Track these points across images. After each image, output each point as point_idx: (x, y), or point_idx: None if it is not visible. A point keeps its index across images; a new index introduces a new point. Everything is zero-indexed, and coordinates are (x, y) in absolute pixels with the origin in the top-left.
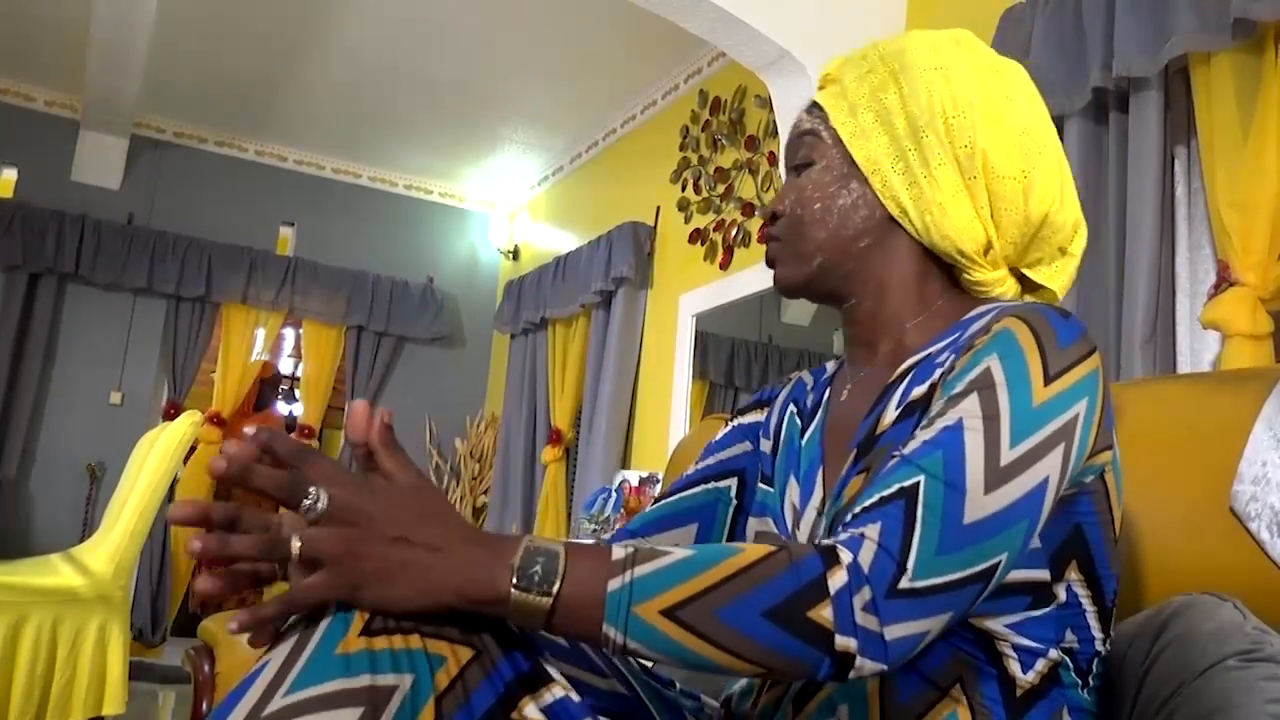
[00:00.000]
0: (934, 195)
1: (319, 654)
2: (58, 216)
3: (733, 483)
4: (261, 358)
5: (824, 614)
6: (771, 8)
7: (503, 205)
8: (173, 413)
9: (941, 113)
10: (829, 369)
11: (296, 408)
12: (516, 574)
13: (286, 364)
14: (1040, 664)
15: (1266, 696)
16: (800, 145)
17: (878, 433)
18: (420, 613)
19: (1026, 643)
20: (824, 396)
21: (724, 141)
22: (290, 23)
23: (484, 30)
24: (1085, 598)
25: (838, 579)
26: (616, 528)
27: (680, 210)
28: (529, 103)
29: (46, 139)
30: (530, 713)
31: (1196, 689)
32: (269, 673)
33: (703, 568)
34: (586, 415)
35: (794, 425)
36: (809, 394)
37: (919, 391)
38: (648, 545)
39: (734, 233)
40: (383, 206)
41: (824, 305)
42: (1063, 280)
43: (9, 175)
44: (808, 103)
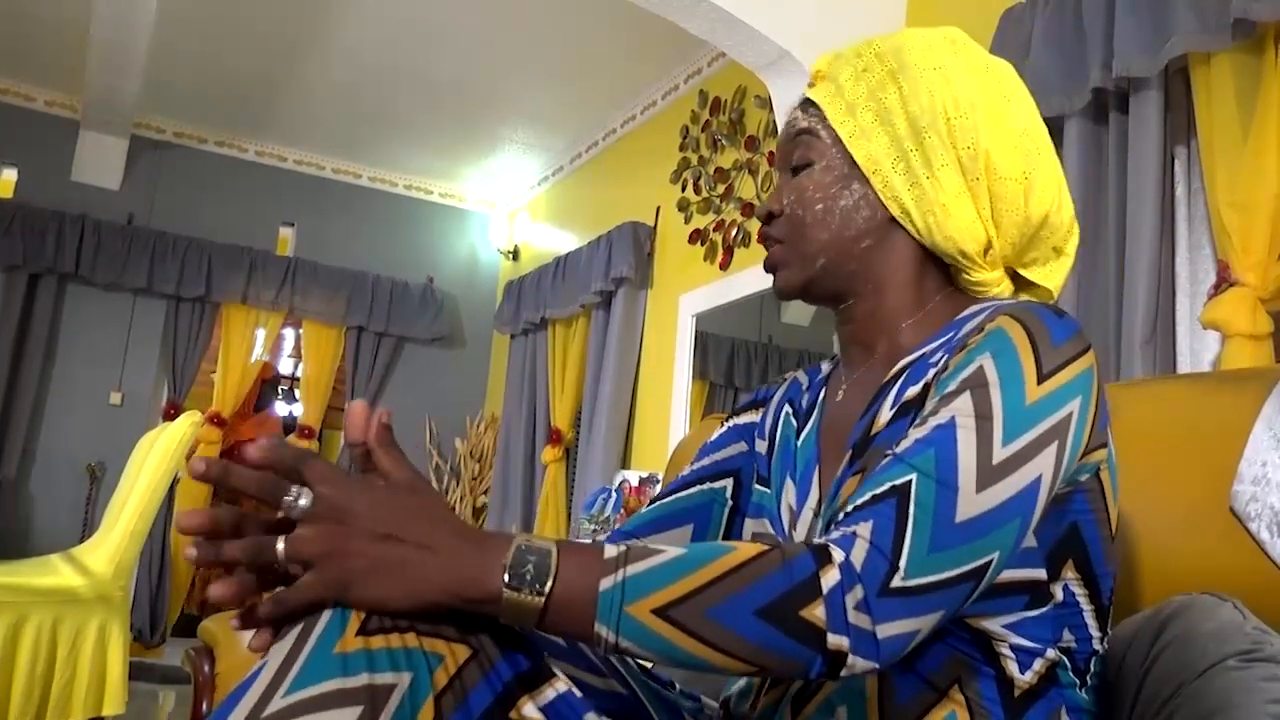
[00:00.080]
0: (937, 196)
1: (317, 654)
2: (58, 216)
3: (728, 484)
4: (261, 358)
5: (816, 613)
6: (771, 8)
7: (503, 205)
8: (173, 413)
9: (944, 113)
10: (824, 369)
11: (296, 408)
12: (508, 573)
13: (286, 364)
14: (1038, 664)
15: (1267, 697)
16: (797, 145)
17: (873, 433)
18: (412, 611)
19: (1024, 643)
20: (819, 397)
21: (724, 142)
22: (290, 23)
23: (484, 30)
24: (1082, 597)
25: (830, 578)
26: (615, 528)
27: (680, 210)
28: (529, 103)
29: (46, 139)
30: (529, 712)
31: (1196, 689)
32: (267, 674)
33: (695, 567)
34: (586, 415)
35: (789, 426)
36: (804, 394)
37: (913, 391)
38: (640, 544)
39: (734, 233)
40: (383, 206)
41: (820, 305)
42: (1057, 280)
43: (9, 175)
44: (799, 99)
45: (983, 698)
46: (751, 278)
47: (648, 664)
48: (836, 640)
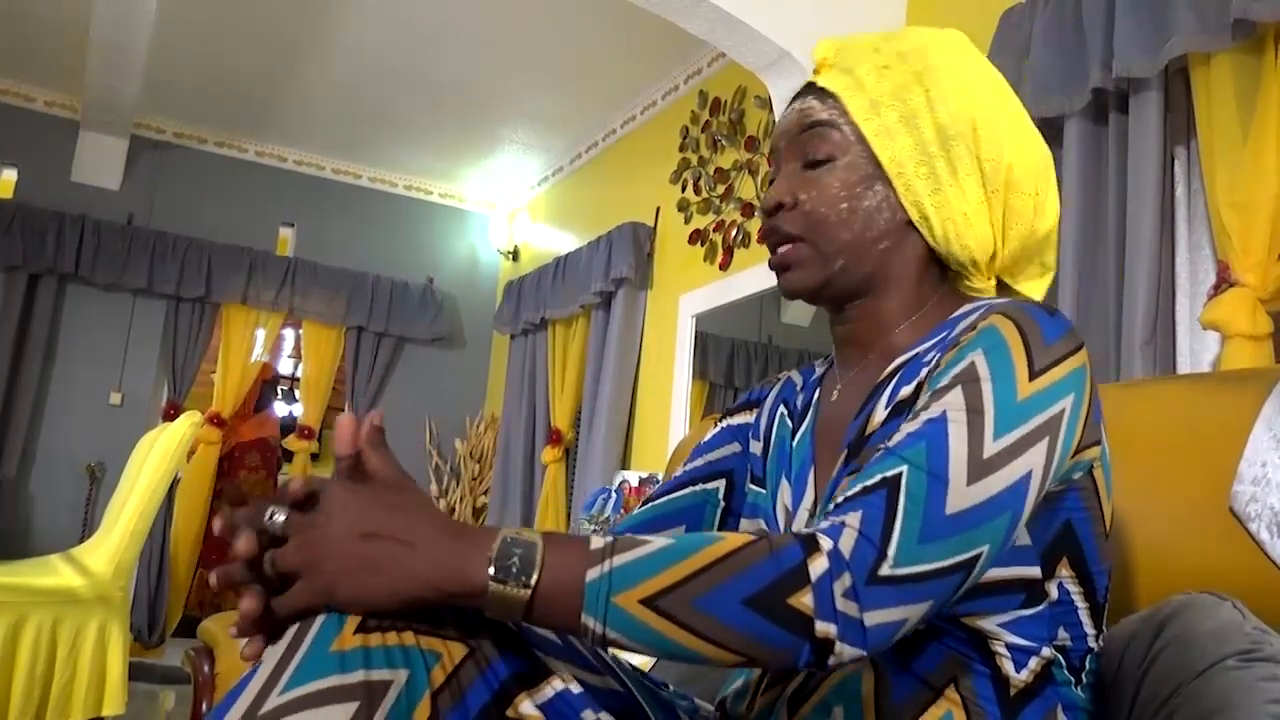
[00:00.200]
0: (958, 204)
1: (313, 652)
2: (58, 217)
3: (721, 484)
4: (261, 358)
5: (804, 600)
6: (771, 8)
7: (502, 206)
8: (173, 413)
9: (972, 122)
10: (818, 369)
11: (296, 408)
12: (494, 565)
13: (286, 364)
14: (1033, 662)
15: (1266, 696)
16: (815, 137)
17: (868, 433)
18: (399, 608)
19: (1019, 641)
20: (814, 397)
21: (724, 142)
22: (290, 23)
23: (484, 30)
24: (1077, 595)
25: (818, 565)
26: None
27: (680, 211)
28: (529, 103)
29: (46, 139)
30: (526, 709)
31: (1196, 689)
32: (264, 672)
33: (682, 556)
34: (586, 416)
35: (785, 426)
36: (799, 394)
37: (907, 391)
38: (628, 536)
39: (734, 233)
40: (383, 207)
41: (824, 305)
42: (1040, 294)
43: (9, 176)
44: (810, 85)
45: (978, 696)
46: (751, 278)
47: (633, 657)
48: (824, 628)
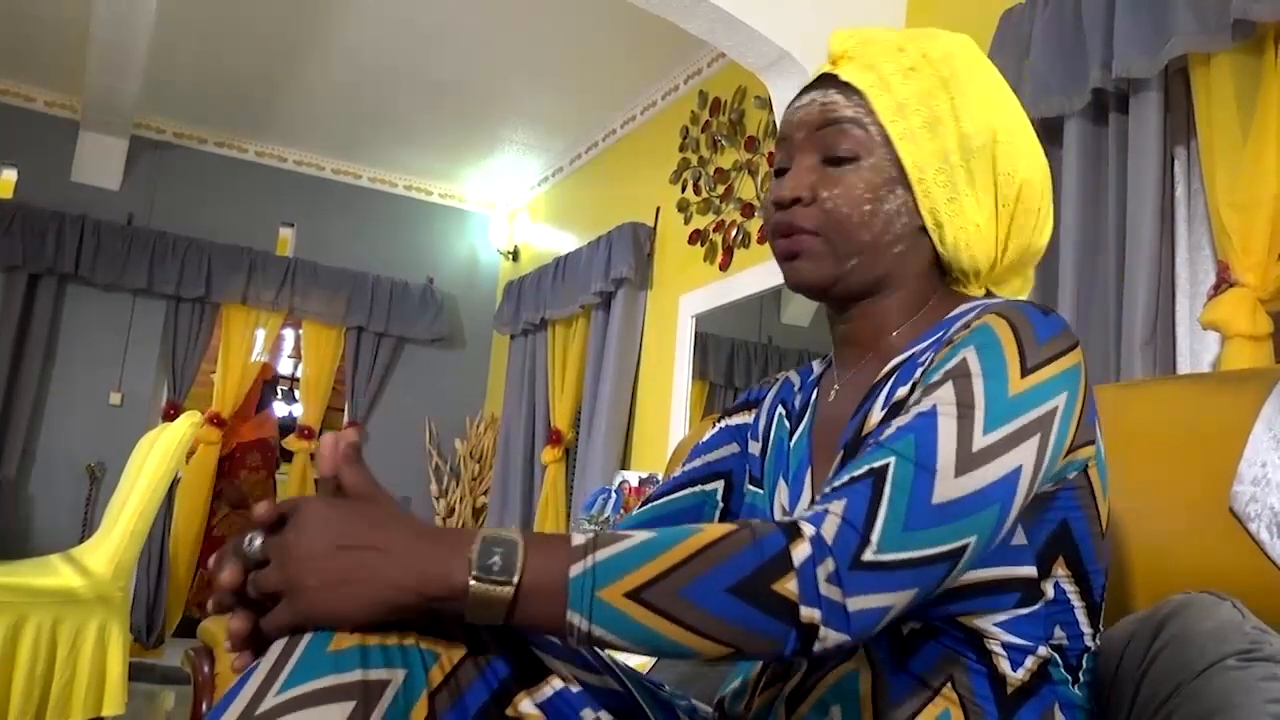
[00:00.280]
0: (972, 215)
1: (310, 652)
2: (58, 217)
3: (719, 485)
4: (261, 358)
5: (788, 586)
6: (771, 8)
7: (502, 206)
8: (172, 413)
9: (993, 134)
10: (815, 369)
11: (296, 408)
12: (475, 565)
13: (286, 365)
14: (1030, 661)
15: (1266, 696)
16: (838, 133)
17: (864, 433)
18: (384, 618)
19: (1015, 640)
20: (812, 397)
21: (724, 142)
22: (290, 23)
23: (484, 30)
24: (1073, 594)
25: (801, 551)
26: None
27: (680, 211)
28: (529, 103)
29: (46, 139)
30: (526, 708)
31: (1195, 689)
32: (261, 672)
33: (665, 548)
34: (586, 416)
35: (783, 427)
36: (797, 395)
37: (903, 391)
38: (609, 531)
39: (734, 233)
40: (383, 207)
41: (828, 302)
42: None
43: (9, 176)
44: (829, 77)
45: (975, 695)
46: (751, 278)
47: (628, 658)
48: (809, 613)
